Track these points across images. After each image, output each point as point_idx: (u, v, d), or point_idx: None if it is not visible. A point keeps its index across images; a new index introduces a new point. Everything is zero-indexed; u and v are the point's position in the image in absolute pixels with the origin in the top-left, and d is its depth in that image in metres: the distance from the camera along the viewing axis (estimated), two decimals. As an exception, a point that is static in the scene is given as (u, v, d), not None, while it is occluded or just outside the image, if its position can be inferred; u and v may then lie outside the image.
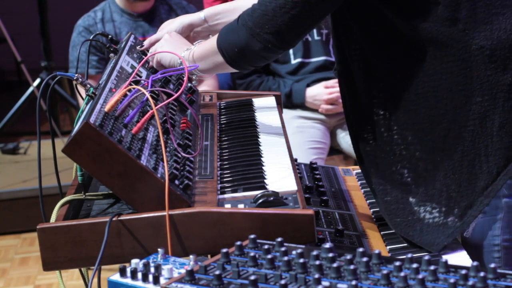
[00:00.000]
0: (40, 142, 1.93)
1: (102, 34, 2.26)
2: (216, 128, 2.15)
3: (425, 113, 1.83)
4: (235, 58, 1.94)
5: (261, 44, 1.87)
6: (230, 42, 1.94)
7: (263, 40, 1.87)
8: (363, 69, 1.88)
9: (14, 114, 5.25)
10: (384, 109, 1.87)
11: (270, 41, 1.86)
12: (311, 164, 2.28)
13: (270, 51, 1.89)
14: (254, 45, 1.88)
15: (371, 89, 1.88)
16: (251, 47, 1.89)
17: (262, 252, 1.44)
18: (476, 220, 1.86)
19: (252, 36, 1.88)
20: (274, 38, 1.86)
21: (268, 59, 1.95)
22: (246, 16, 1.89)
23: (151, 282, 1.46)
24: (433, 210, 1.85)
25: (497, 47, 1.79)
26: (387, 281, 1.31)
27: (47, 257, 1.69)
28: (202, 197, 1.75)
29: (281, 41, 1.87)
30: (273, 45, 1.87)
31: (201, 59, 2.02)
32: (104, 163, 1.67)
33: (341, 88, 1.96)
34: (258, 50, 1.89)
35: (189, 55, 2.05)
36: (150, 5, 4.06)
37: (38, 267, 4.21)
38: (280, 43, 1.87)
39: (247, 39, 1.89)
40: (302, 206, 1.70)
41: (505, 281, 1.30)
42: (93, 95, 1.87)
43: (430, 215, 1.85)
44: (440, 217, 1.84)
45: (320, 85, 3.72)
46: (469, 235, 1.89)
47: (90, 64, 3.94)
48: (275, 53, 1.91)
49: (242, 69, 2.03)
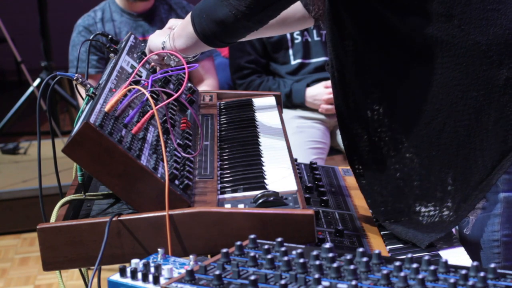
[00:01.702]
0: (40, 142, 1.93)
1: (102, 34, 2.26)
2: (216, 128, 2.15)
3: (420, 108, 1.83)
4: (203, 27, 1.90)
5: (228, 10, 1.83)
6: (200, 9, 1.90)
7: (230, 5, 1.83)
8: (356, 64, 1.88)
9: (14, 114, 5.25)
10: (379, 104, 1.87)
11: (237, 7, 1.82)
12: (311, 164, 2.28)
13: (237, 21, 1.83)
14: (221, 11, 1.84)
15: (364, 84, 1.88)
16: (218, 13, 1.85)
17: (262, 252, 1.44)
18: (476, 216, 1.86)
19: (220, 1, 1.84)
20: (241, 4, 1.82)
21: (236, 33, 1.90)
22: None
23: (151, 282, 1.46)
24: (428, 204, 1.85)
25: (493, 43, 1.79)
26: (387, 281, 1.31)
27: (47, 257, 1.69)
28: (202, 197, 1.75)
29: (250, 11, 1.82)
30: (241, 14, 1.82)
31: (179, 35, 1.99)
32: (104, 163, 1.66)
33: (333, 84, 1.95)
34: (224, 17, 1.85)
35: (170, 35, 2.02)
36: (150, 5, 4.06)
37: (38, 267, 4.21)
38: (248, 13, 1.82)
39: (215, 3, 1.85)
40: (302, 206, 1.70)
41: (505, 281, 1.30)
42: (93, 95, 1.87)
43: (425, 209, 1.85)
44: (435, 211, 1.85)
45: (320, 85, 3.72)
46: (469, 231, 1.89)
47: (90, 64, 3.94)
48: (243, 27, 1.86)
49: (212, 44, 1.94)
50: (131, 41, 2.26)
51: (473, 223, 1.88)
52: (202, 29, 1.91)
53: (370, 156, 1.90)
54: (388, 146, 1.88)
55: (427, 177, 1.85)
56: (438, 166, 1.84)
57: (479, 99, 1.81)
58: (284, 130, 2.14)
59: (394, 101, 1.86)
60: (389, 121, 1.86)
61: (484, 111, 1.81)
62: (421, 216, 1.86)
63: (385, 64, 1.85)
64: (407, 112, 1.85)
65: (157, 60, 2.11)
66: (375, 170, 1.90)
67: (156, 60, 2.11)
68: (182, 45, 2.00)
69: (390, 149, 1.88)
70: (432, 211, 1.85)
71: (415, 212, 1.86)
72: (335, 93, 1.94)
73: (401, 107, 1.85)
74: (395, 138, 1.87)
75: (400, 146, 1.86)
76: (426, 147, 1.84)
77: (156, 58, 2.09)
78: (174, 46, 2.01)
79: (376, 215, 1.95)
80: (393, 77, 1.85)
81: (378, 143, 1.89)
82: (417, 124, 1.84)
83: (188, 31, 1.96)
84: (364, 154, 1.91)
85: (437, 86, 1.82)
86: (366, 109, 1.88)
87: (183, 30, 1.98)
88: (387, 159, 1.88)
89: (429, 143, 1.84)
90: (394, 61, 1.84)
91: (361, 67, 1.87)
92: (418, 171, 1.85)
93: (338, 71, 1.91)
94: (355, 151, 1.93)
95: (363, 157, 1.92)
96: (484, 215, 1.87)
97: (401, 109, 1.85)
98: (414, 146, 1.85)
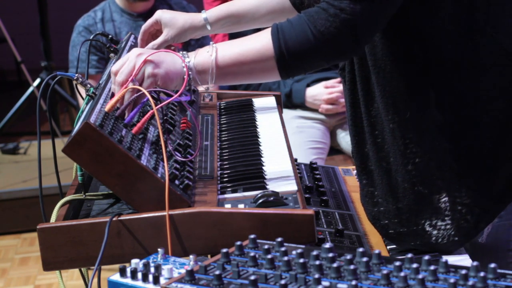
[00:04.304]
0: (40, 142, 1.93)
1: (102, 34, 2.26)
2: (216, 128, 2.15)
3: (444, 121, 1.78)
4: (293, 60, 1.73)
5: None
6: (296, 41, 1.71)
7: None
8: (379, 73, 1.81)
9: (14, 114, 5.25)
10: (403, 115, 1.80)
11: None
12: (311, 164, 2.28)
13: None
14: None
15: (387, 93, 1.81)
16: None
17: (262, 252, 1.44)
18: (491, 225, 1.82)
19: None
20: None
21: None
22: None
23: (151, 282, 1.46)
24: (446, 218, 1.80)
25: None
26: (387, 281, 1.31)
27: (47, 257, 1.69)
28: (202, 197, 1.75)
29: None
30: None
31: (233, 65, 1.76)
32: (104, 163, 1.66)
33: (350, 91, 1.88)
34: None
35: (211, 62, 1.75)
36: (150, 5, 4.06)
37: (38, 267, 4.21)
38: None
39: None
40: (302, 206, 1.70)
41: (505, 281, 1.30)
42: (93, 95, 1.87)
43: (442, 223, 1.80)
44: (452, 225, 1.80)
45: (320, 85, 3.72)
46: (483, 240, 1.84)
47: (90, 64, 3.94)
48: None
49: (288, 77, 1.78)
50: (131, 41, 2.26)
51: (488, 232, 1.84)
52: (290, 63, 1.75)
53: (387, 167, 1.84)
54: (408, 159, 1.81)
55: (445, 191, 1.79)
56: (457, 179, 1.78)
57: (504, 110, 1.77)
58: (284, 130, 2.14)
59: (417, 114, 1.78)
60: (410, 133, 1.79)
61: (509, 123, 1.77)
62: (437, 230, 1.80)
63: (410, 76, 1.79)
64: (429, 125, 1.78)
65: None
66: (392, 182, 1.84)
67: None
68: (233, 76, 1.80)
69: (410, 162, 1.80)
70: (449, 224, 1.80)
71: (432, 224, 1.81)
72: (353, 101, 1.87)
73: (424, 119, 1.79)
74: (416, 152, 1.80)
75: (419, 160, 1.80)
76: (449, 161, 1.78)
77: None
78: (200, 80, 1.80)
79: (388, 226, 1.88)
80: (419, 89, 1.78)
81: (400, 158, 1.81)
82: (438, 137, 1.78)
83: (257, 67, 1.77)
84: (382, 165, 1.85)
85: (463, 98, 1.77)
86: (388, 121, 1.81)
87: (246, 64, 1.76)
88: (405, 174, 1.81)
89: (452, 156, 1.78)
90: (421, 72, 1.78)
91: (383, 76, 1.80)
92: (438, 184, 1.79)
93: (361, 79, 1.85)
94: (368, 162, 1.87)
95: (379, 168, 1.85)
96: (499, 223, 1.82)
97: (424, 122, 1.79)
98: (436, 160, 1.78)
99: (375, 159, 1.86)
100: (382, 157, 1.85)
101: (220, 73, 1.76)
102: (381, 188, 1.86)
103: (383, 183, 1.85)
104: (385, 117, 1.82)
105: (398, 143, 1.81)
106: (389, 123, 1.81)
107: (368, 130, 1.86)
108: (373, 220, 1.90)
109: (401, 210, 1.84)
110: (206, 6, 4.08)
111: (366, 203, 1.91)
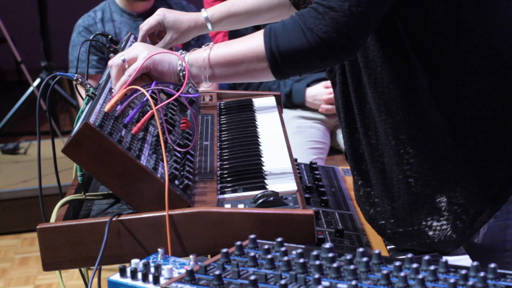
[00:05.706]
0: (40, 142, 1.93)
1: (102, 34, 2.26)
2: (216, 128, 2.15)
3: (437, 121, 1.78)
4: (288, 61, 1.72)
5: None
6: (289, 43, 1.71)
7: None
8: (374, 75, 1.82)
9: (14, 114, 5.25)
10: (395, 117, 1.81)
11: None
12: (311, 164, 2.28)
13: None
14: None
15: (379, 94, 1.82)
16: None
17: (262, 252, 1.44)
18: (487, 225, 1.82)
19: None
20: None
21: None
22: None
23: (151, 282, 1.46)
24: (441, 218, 1.80)
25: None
26: (387, 281, 1.30)
27: (47, 257, 1.69)
28: (202, 197, 1.75)
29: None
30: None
31: (226, 64, 1.76)
32: (104, 163, 1.66)
33: (343, 93, 1.90)
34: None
35: (203, 59, 1.76)
36: (150, 5, 4.06)
37: (38, 267, 4.21)
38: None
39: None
40: (302, 206, 1.70)
41: (505, 281, 1.30)
42: (93, 95, 1.87)
43: (438, 223, 1.81)
44: (448, 225, 1.80)
45: (320, 85, 3.72)
46: (479, 240, 1.85)
47: (90, 64, 3.94)
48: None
49: (282, 77, 1.78)
50: (131, 41, 2.26)
51: (484, 232, 1.84)
52: (284, 65, 1.75)
53: (381, 167, 1.85)
54: (402, 159, 1.81)
55: (440, 191, 1.79)
56: (453, 179, 1.79)
57: (498, 111, 1.77)
58: (284, 130, 2.14)
59: (412, 114, 1.79)
60: (404, 134, 1.80)
61: (503, 123, 1.77)
62: (433, 229, 1.81)
63: (406, 79, 1.79)
64: (424, 125, 1.79)
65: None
66: (387, 182, 1.85)
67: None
68: (224, 75, 1.79)
69: (404, 163, 1.81)
70: (445, 225, 1.80)
71: (428, 225, 1.81)
72: (345, 102, 1.89)
73: (418, 120, 1.79)
74: (410, 152, 1.80)
75: (414, 160, 1.80)
76: (444, 161, 1.79)
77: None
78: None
79: (385, 226, 1.89)
80: (412, 90, 1.79)
81: (394, 157, 1.82)
82: (434, 138, 1.79)
83: (250, 67, 1.76)
84: (376, 166, 1.86)
85: (456, 99, 1.77)
86: (382, 121, 1.82)
87: (240, 63, 1.76)
88: (400, 173, 1.82)
89: (445, 156, 1.79)
90: (413, 73, 1.78)
91: (379, 80, 1.81)
92: (432, 185, 1.80)
93: (354, 80, 1.86)
94: (362, 162, 1.88)
95: (374, 168, 1.86)
96: (495, 224, 1.83)
97: (418, 122, 1.79)
98: (430, 161, 1.79)
99: (370, 160, 1.87)
100: (376, 158, 1.86)
101: (213, 71, 1.77)
102: (377, 188, 1.87)
103: (378, 183, 1.86)
104: (378, 118, 1.83)
105: (392, 143, 1.82)
106: (382, 123, 1.82)
107: (362, 131, 1.87)
108: (370, 220, 1.91)
109: (397, 210, 1.84)
110: (206, 6, 4.08)
111: (362, 203, 1.92)
